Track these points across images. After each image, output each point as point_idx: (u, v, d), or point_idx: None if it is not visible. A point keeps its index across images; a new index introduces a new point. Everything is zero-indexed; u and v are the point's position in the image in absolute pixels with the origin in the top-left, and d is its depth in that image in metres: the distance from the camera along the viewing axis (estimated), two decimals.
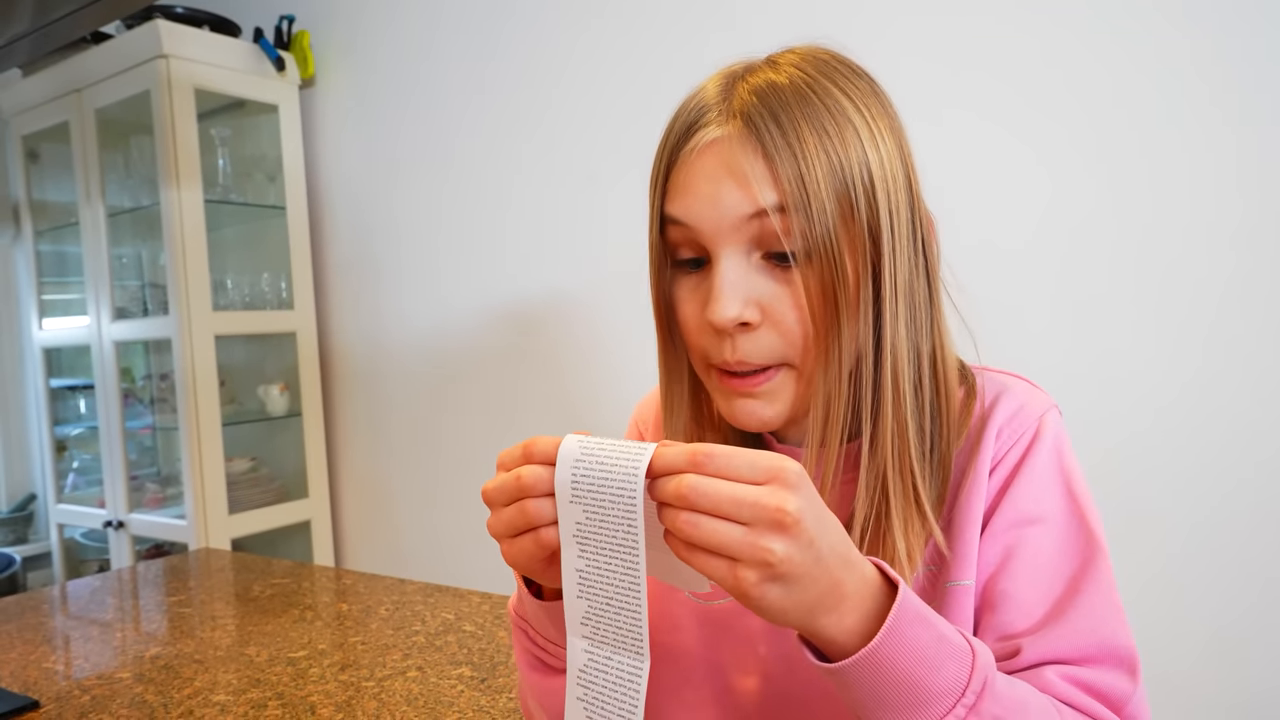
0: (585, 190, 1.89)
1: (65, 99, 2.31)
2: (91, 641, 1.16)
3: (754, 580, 0.42)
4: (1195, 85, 1.24)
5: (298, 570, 1.46)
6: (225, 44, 2.19)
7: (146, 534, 2.30)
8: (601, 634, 0.47)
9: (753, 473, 0.42)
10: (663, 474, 0.43)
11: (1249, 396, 1.23)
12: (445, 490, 2.20)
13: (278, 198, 2.33)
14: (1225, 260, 1.24)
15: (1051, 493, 0.58)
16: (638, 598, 0.45)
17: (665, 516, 0.43)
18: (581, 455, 0.45)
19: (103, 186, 2.26)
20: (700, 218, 0.55)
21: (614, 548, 0.44)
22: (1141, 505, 1.29)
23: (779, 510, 0.41)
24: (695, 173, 0.56)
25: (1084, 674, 0.53)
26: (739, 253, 0.55)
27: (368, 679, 0.99)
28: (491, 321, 2.06)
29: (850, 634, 0.45)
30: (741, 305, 0.55)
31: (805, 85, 0.55)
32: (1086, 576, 0.55)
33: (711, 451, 0.42)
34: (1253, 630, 1.23)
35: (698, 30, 1.69)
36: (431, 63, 2.12)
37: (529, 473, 0.46)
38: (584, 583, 0.46)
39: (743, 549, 0.41)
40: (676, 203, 0.57)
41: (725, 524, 0.42)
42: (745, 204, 0.54)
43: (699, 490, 0.42)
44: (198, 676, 1.01)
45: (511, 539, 0.48)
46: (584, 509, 0.45)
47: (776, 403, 0.58)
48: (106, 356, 2.30)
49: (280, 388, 2.35)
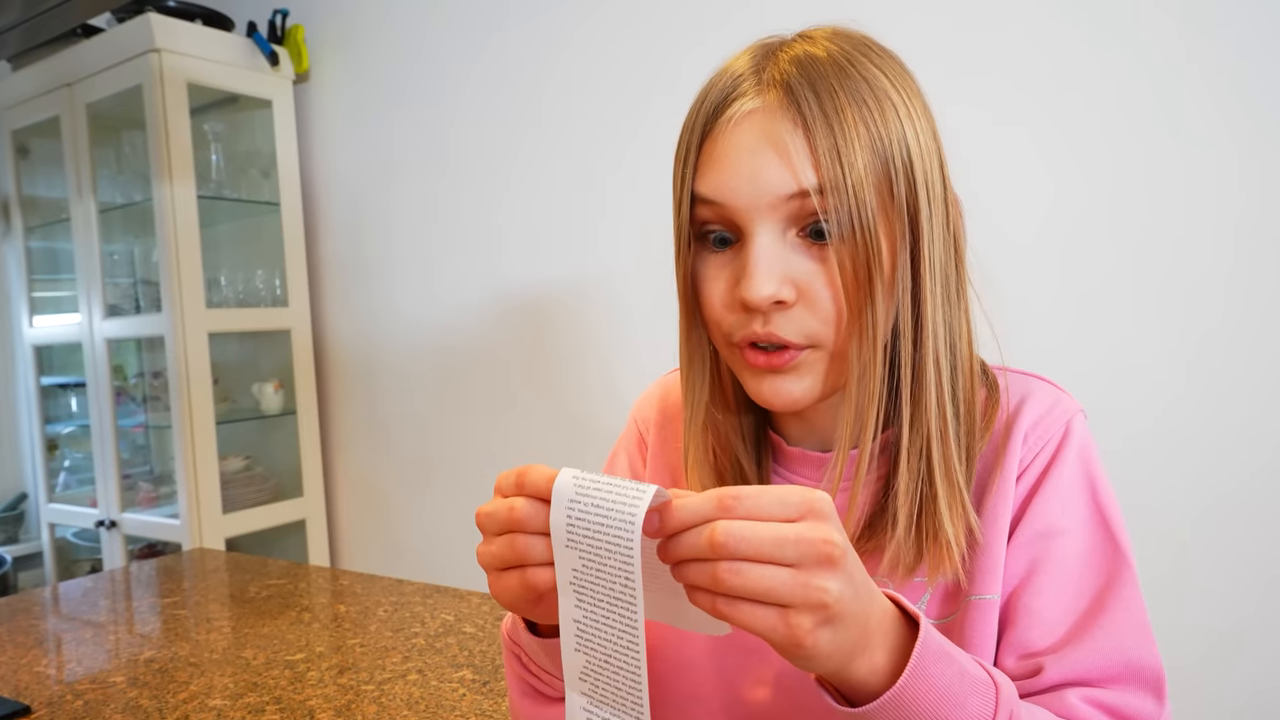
0: (582, 186, 1.87)
1: (56, 93, 2.28)
2: (84, 644, 1.14)
3: (809, 626, 0.38)
4: (1195, 80, 1.23)
5: (294, 571, 1.44)
6: (218, 38, 2.16)
7: (139, 534, 2.28)
8: (601, 692, 0.43)
9: (784, 509, 0.39)
10: (687, 526, 0.39)
11: (1252, 394, 1.22)
12: (442, 489, 2.18)
13: (272, 194, 2.31)
14: (1226, 258, 1.23)
15: (1078, 503, 0.56)
16: (636, 657, 0.41)
17: (694, 571, 0.39)
18: (577, 495, 0.41)
19: (94, 182, 2.24)
20: (736, 194, 0.53)
21: (612, 601, 0.41)
22: (1143, 503, 1.29)
23: (826, 543, 0.38)
24: (731, 147, 0.53)
25: (1107, 697, 0.51)
26: (775, 230, 0.53)
27: (367, 682, 0.97)
28: (489, 318, 2.05)
29: (878, 673, 0.43)
30: (778, 283, 0.52)
31: (844, 59, 0.53)
32: (1112, 592, 0.53)
33: (738, 494, 0.39)
34: (1256, 629, 1.23)
35: (695, 26, 1.67)
36: (426, 57, 2.09)
37: (521, 507, 0.43)
38: (582, 635, 0.43)
39: (794, 592, 0.38)
40: (709, 179, 0.54)
41: (771, 568, 0.38)
42: (785, 182, 0.51)
43: (737, 536, 0.38)
44: (193, 680, 0.99)
45: (499, 572, 0.45)
46: (580, 555, 0.41)
47: (805, 379, 0.55)
48: (98, 354, 2.27)
49: (274, 385, 2.33)
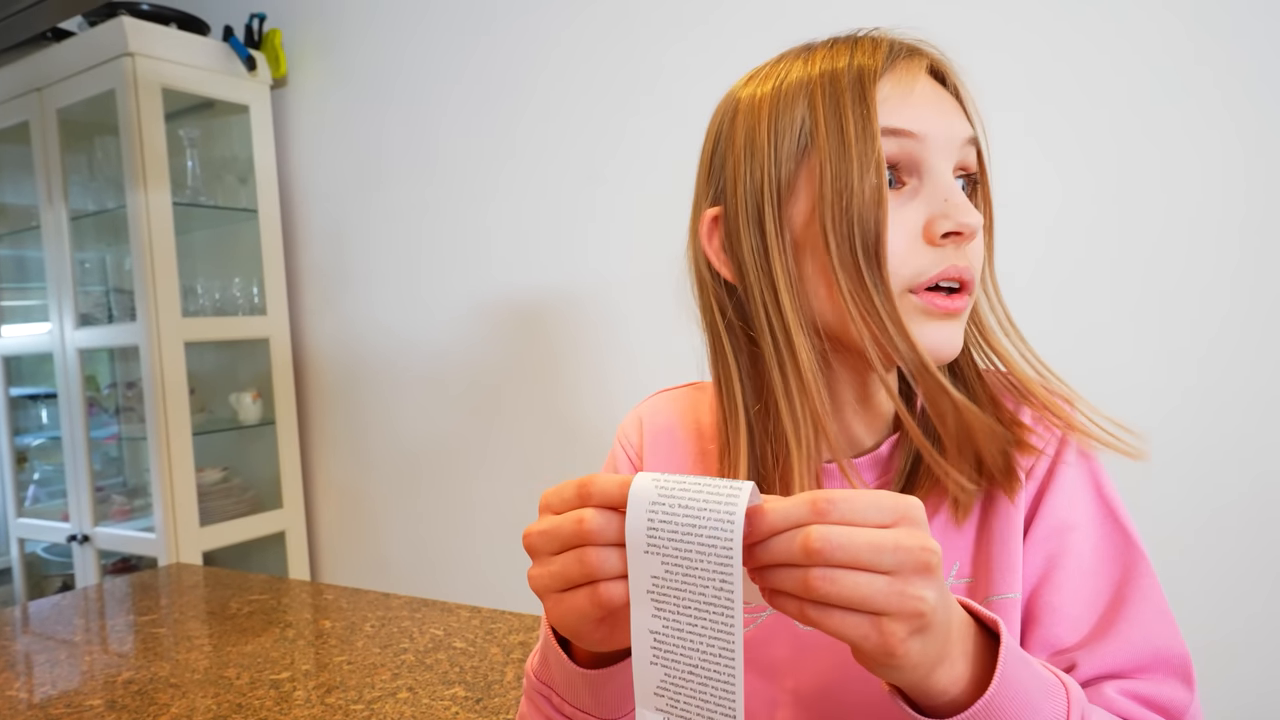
0: (570, 190, 1.85)
1: (25, 98, 2.23)
2: (58, 665, 1.10)
3: (902, 635, 0.38)
4: (1209, 91, 1.23)
5: (276, 585, 1.41)
6: (194, 42, 2.12)
7: (113, 548, 2.22)
8: (681, 707, 0.41)
9: (879, 514, 0.38)
10: (780, 530, 0.38)
11: (1254, 401, 1.22)
12: (426, 499, 2.15)
13: (249, 200, 2.27)
14: (1228, 267, 1.23)
15: (1085, 498, 0.57)
16: (731, 664, 0.38)
17: (782, 576, 0.38)
18: (659, 497, 0.39)
19: (65, 189, 2.18)
20: (934, 129, 0.54)
21: (702, 606, 0.39)
22: (1143, 510, 1.28)
23: (924, 550, 0.38)
24: (922, 89, 0.55)
25: (1142, 687, 0.52)
26: (950, 169, 0.56)
27: (356, 702, 0.94)
28: (474, 325, 2.02)
29: (962, 683, 0.42)
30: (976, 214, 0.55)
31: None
32: (1131, 584, 0.55)
33: (832, 498, 0.38)
34: (1255, 635, 1.23)
35: (689, 29, 1.66)
36: (406, 62, 2.07)
37: (592, 518, 0.40)
38: (660, 646, 0.40)
39: (891, 600, 0.37)
40: (905, 114, 0.54)
41: (866, 575, 0.37)
42: (965, 127, 0.56)
43: (834, 542, 0.37)
44: (174, 702, 0.96)
45: (562, 594, 0.42)
46: (663, 561, 0.39)
47: (961, 329, 0.56)
48: (70, 364, 2.22)
49: (253, 395, 2.29)
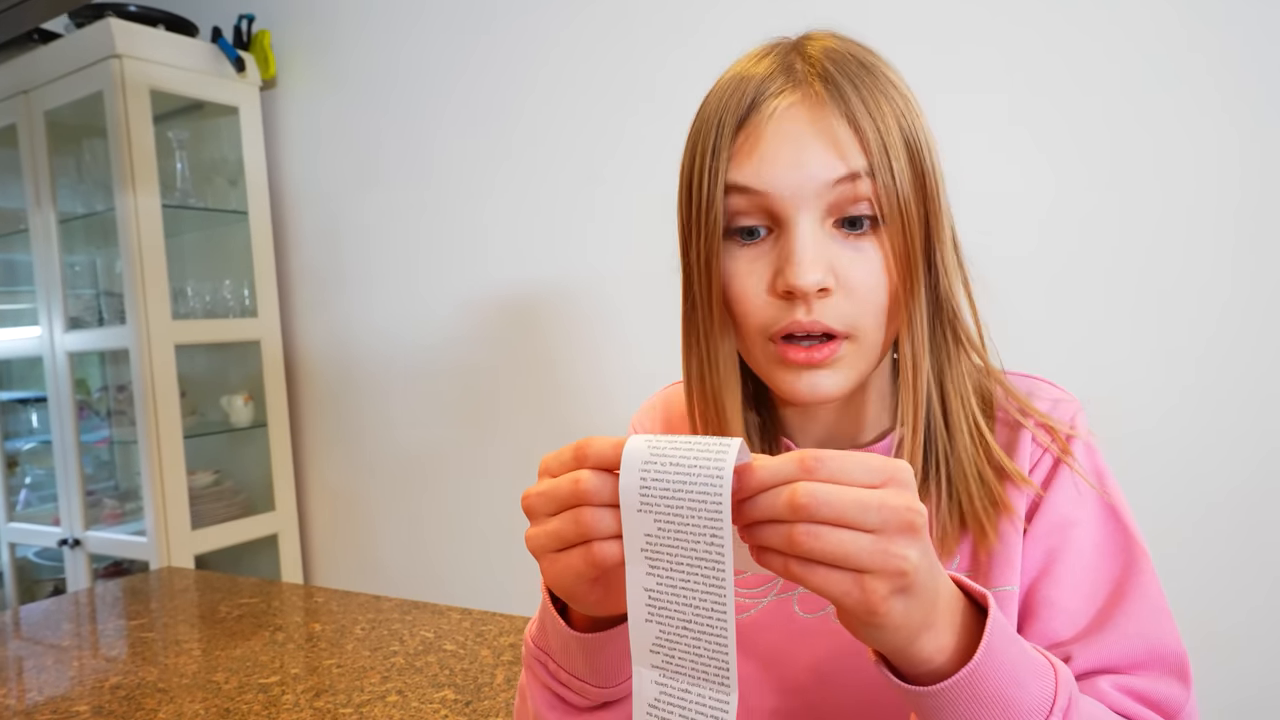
0: (566, 190, 1.85)
1: (12, 100, 2.22)
2: (45, 671, 1.09)
3: (884, 593, 0.38)
4: (1205, 84, 1.23)
5: (266, 589, 1.40)
6: (182, 44, 2.11)
7: (104, 551, 2.21)
8: (677, 663, 0.42)
9: (868, 475, 0.39)
10: (768, 486, 0.39)
11: (1250, 397, 1.22)
12: (418, 502, 2.14)
13: (239, 202, 2.26)
14: (1227, 262, 1.23)
15: (1088, 494, 0.58)
16: (723, 619, 0.39)
17: (769, 533, 0.39)
18: (652, 456, 0.40)
19: (53, 192, 2.17)
20: (778, 182, 0.53)
21: (694, 561, 0.40)
22: (1141, 505, 1.28)
23: (910, 510, 0.38)
24: (773, 135, 0.54)
25: (1137, 683, 0.52)
26: (815, 219, 0.54)
27: (345, 705, 0.94)
28: (469, 325, 2.01)
29: (947, 653, 0.42)
30: (824, 269, 0.53)
31: (861, 54, 0.56)
32: (1130, 579, 0.55)
33: (820, 456, 0.39)
34: (1254, 630, 1.23)
35: (677, 29, 1.66)
36: (397, 63, 2.06)
37: (587, 478, 0.41)
38: (654, 604, 0.41)
39: (875, 558, 0.38)
40: (747, 169, 0.54)
41: (851, 533, 0.38)
42: (835, 167, 0.53)
43: (819, 498, 0.37)
44: (161, 707, 0.96)
45: (557, 554, 0.43)
46: (655, 518, 0.40)
47: (840, 373, 0.55)
48: (60, 368, 2.21)
49: (244, 398, 2.28)
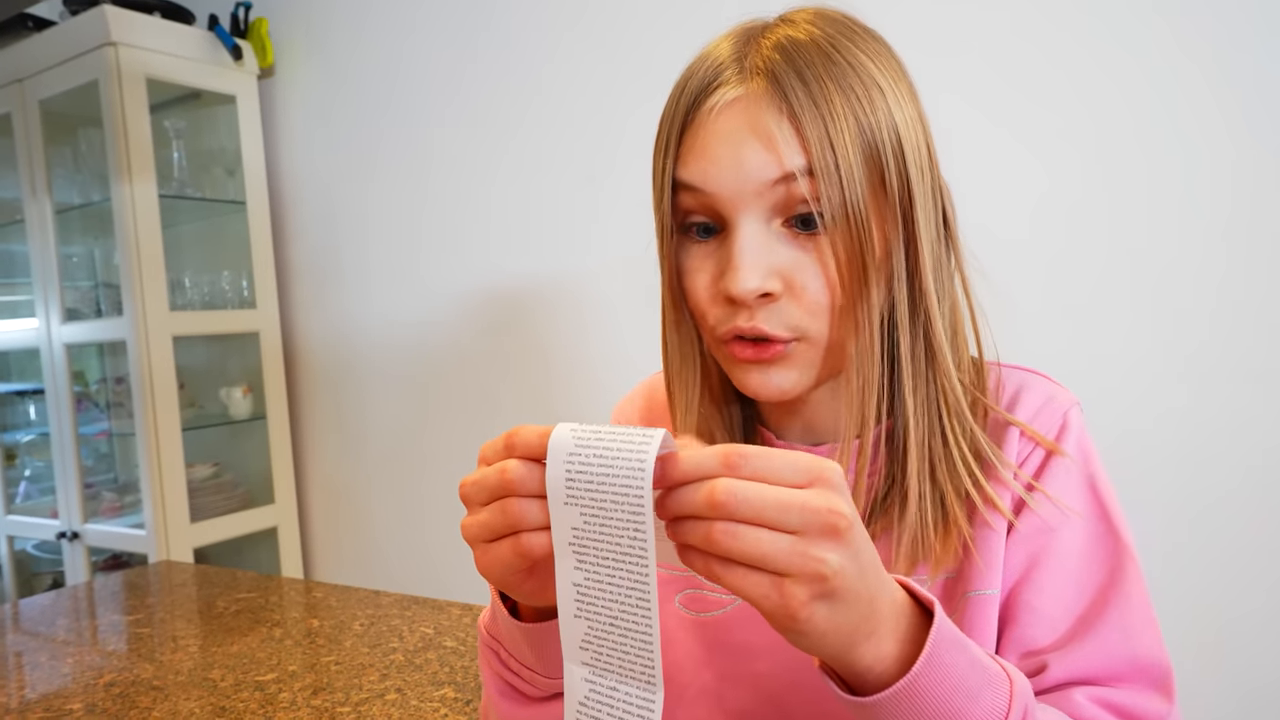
0: (566, 181, 1.82)
1: (6, 89, 2.19)
2: (39, 668, 1.07)
3: (804, 598, 0.36)
4: (1192, 75, 1.21)
5: (265, 583, 1.38)
6: (178, 31, 2.08)
7: (103, 544, 2.20)
8: (605, 660, 0.40)
9: (794, 474, 0.37)
10: (689, 479, 0.37)
11: (1248, 391, 1.20)
12: (419, 494, 2.13)
13: (237, 192, 2.24)
14: (1220, 255, 1.21)
15: (1078, 495, 0.55)
16: (647, 616, 0.38)
17: (688, 529, 0.37)
18: (576, 448, 0.39)
19: (49, 182, 2.15)
20: (719, 183, 0.51)
21: (619, 556, 0.38)
22: (1138, 502, 1.27)
23: (831, 512, 0.36)
24: (714, 134, 0.51)
25: (1114, 696, 0.49)
26: (759, 220, 0.51)
27: (343, 704, 0.92)
28: (468, 317, 1.99)
29: (886, 662, 0.40)
30: (763, 276, 0.50)
31: (827, 43, 0.51)
32: (1115, 587, 0.52)
33: (745, 452, 0.37)
34: (1250, 629, 1.21)
35: (686, 18, 1.63)
36: (397, 50, 2.03)
37: (514, 468, 0.40)
38: (583, 599, 0.40)
39: (793, 560, 0.36)
40: (691, 167, 0.52)
41: (770, 533, 0.36)
42: (770, 168, 0.50)
43: (739, 496, 0.36)
44: (156, 706, 0.94)
45: (488, 544, 0.41)
46: (581, 511, 0.38)
47: (793, 371, 0.53)
48: (57, 360, 2.19)
49: (243, 390, 2.26)
